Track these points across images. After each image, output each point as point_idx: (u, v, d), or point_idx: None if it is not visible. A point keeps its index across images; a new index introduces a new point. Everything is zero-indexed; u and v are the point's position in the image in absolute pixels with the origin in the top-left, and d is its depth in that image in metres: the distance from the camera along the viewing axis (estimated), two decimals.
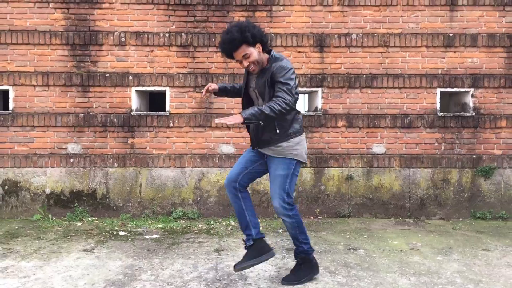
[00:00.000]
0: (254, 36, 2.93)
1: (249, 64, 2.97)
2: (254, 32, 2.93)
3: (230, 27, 2.97)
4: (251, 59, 2.96)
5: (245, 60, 2.97)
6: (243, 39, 2.91)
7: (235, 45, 2.92)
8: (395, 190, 5.39)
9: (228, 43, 2.93)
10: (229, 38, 2.91)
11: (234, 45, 2.92)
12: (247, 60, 2.97)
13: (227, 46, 2.95)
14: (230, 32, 2.92)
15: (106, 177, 5.31)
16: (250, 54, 2.95)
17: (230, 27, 2.97)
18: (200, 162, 5.35)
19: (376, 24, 5.35)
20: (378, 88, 5.36)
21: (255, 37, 2.94)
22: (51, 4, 5.26)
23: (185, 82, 5.33)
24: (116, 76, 5.30)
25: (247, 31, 2.91)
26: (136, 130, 5.33)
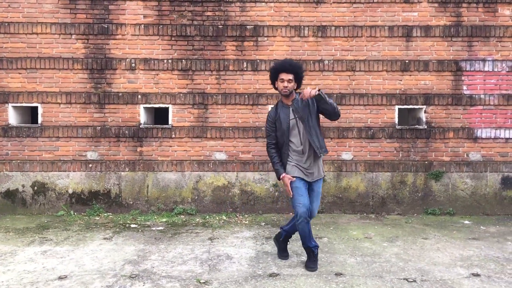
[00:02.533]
0: (301, 78, 4.05)
1: (287, 86, 3.93)
2: (302, 75, 4.07)
3: (291, 59, 4.11)
4: (290, 86, 3.95)
5: (289, 83, 3.93)
6: (297, 71, 3.99)
7: (292, 70, 3.93)
8: (361, 191, 6.43)
9: (290, 65, 3.94)
10: (294, 63, 3.99)
11: (292, 69, 3.93)
12: (290, 83, 3.94)
13: (287, 66, 3.94)
14: (294, 62, 4.04)
15: (119, 179, 6.35)
16: (292, 83, 3.96)
17: (290, 59, 4.09)
18: (198, 167, 6.39)
19: (345, 52, 6.39)
20: (346, 105, 6.40)
21: (300, 79, 4.05)
22: (74, 36, 6.30)
23: (185, 100, 6.37)
24: (127, 95, 6.34)
25: (302, 71, 4.06)
26: (144, 140, 6.37)
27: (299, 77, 4.05)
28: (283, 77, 3.96)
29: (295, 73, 3.99)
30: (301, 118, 3.98)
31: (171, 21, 6.35)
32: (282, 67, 4.00)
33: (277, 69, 4.02)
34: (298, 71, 4.01)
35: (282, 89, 3.98)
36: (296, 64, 4.02)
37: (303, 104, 4.00)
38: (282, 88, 3.98)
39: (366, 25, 6.37)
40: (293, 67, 3.98)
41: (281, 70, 3.98)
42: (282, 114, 4.04)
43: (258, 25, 6.36)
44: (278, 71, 4.01)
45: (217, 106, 6.38)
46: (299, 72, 4.02)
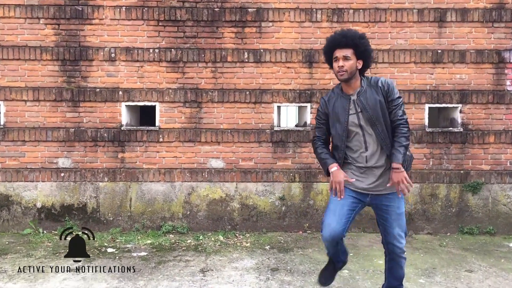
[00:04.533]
0: (366, 53, 2.88)
1: (343, 66, 2.84)
2: (368, 48, 2.88)
3: (349, 29, 2.97)
4: (348, 66, 2.83)
5: (345, 61, 2.84)
6: (357, 43, 2.84)
7: (348, 41, 2.83)
8: None
9: (344, 36, 2.84)
10: (352, 33, 2.86)
11: (347, 41, 2.83)
12: (347, 62, 2.84)
13: (340, 37, 2.86)
14: (352, 31, 2.89)
15: (97, 191, 5.36)
16: (350, 61, 2.84)
17: (349, 29, 2.96)
18: (190, 177, 5.39)
19: None
20: None
21: (366, 54, 2.89)
22: (42, 20, 5.29)
23: (175, 97, 5.36)
24: (106, 91, 5.33)
25: (365, 42, 2.87)
26: (126, 144, 5.37)
27: (364, 52, 2.88)
28: (336, 54, 2.88)
29: (354, 45, 2.84)
30: (368, 118, 2.87)
31: (158, 2, 5.33)
32: (333, 41, 2.90)
33: (329, 45, 2.93)
34: (358, 42, 2.85)
35: (338, 72, 2.89)
36: (354, 34, 2.87)
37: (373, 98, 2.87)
38: (337, 70, 2.89)
39: (391, 7, 5.34)
40: (349, 38, 2.85)
41: (333, 44, 2.90)
42: (339, 106, 2.95)
43: (262, 8, 5.33)
44: (331, 48, 2.92)
45: (213, 104, 5.37)
46: (360, 43, 2.85)
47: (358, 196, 2.94)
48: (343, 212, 2.86)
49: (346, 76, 2.87)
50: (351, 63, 2.85)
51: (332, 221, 2.84)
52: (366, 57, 2.90)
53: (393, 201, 2.93)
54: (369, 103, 2.86)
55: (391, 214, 2.94)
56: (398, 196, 2.92)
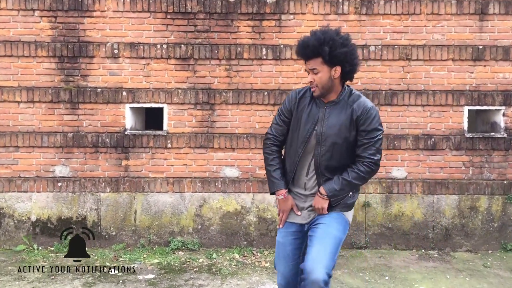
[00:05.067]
0: (334, 55, 2.36)
1: (312, 83, 2.44)
2: (336, 50, 2.36)
3: (316, 31, 2.45)
4: (317, 80, 2.40)
5: (313, 74, 2.42)
6: (318, 53, 2.37)
7: (312, 51, 2.38)
8: (417, 219, 4.86)
9: (304, 48, 2.41)
10: (317, 37, 2.37)
11: (311, 50, 2.38)
12: (314, 76, 2.41)
13: (302, 47, 2.43)
14: (316, 34, 2.39)
15: (98, 203, 4.81)
16: (320, 73, 2.40)
17: (315, 31, 2.44)
18: (201, 187, 4.84)
19: (397, 35, 4.81)
20: (398, 106, 4.83)
21: (334, 57, 2.37)
22: (37, 12, 4.74)
23: (185, 98, 4.82)
24: (109, 91, 4.79)
25: (327, 44, 2.34)
26: (131, 151, 4.82)
27: (335, 57, 2.37)
28: (306, 66, 2.50)
29: (322, 53, 2.36)
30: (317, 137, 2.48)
31: None
32: (297, 53, 2.51)
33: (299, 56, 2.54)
34: (323, 49, 2.34)
35: (310, 86, 2.51)
36: (317, 39, 2.37)
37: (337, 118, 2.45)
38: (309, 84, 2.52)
39: None
40: (310, 47, 2.38)
41: (299, 55, 2.51)
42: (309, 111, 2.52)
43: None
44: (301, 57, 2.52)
45: (227, 106, 4.82)
46: (324, 50, 2.34)
47: (297, 229, 2.59)
48: (286, 254, 2.56)
49: (318, 92, 2.46)
50: (320, 76, 2.41)
51: (280, 267, 2.59)
52: (341, 61, 2.40)
53: (325, 217, 2.48)
54: (329, 120, 2.45)
55: (316, 231, 2.44)
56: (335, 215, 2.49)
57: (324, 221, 2.45)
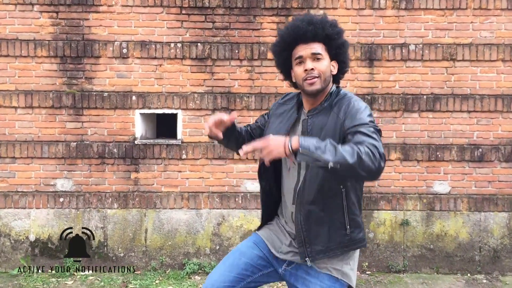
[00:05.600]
0: (337, 45, 1.89)
1: (313, 71, 1.83)
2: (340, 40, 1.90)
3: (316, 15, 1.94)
4: (322, 68, 1.84)
5: (314, 61, 1.84)
6: (328, 36, 1.86)
7: (316, 33, 1.84)
8: (462, 239, 4.33)
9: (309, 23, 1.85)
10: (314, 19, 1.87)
11: (314, 31, 1.84)
12: (317, 63, 1.84)
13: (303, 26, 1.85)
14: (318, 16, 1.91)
15: (104, 220, 4.30)
16: (323, 60, 1.86)
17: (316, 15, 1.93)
18: (220, 203, 4.33)
19: (440, 32, 4.28)
20: (441, 112, 4.30)
21: (337, 49, 1.90)
22: (36, 7, 4.24)
23: (202, 103, 4.30)
24: (116, 96, 4.28)
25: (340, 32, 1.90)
26: (141, 162, 4.31)
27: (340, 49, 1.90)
28: (300, 52, 1.87)
29: (326, 38, 1.86)
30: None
31: None
32: (294, 31, 1.88)
33: (286, 38, 1.90)
34: (332, 32, 1.87)
35: (305, 79, 1.86)
36: (323, 20, 1.88)
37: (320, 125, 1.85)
38: (302, 76, 1.87)
39: None
40: (318, 25, 1.85)
41: (294, 37, 1.88)
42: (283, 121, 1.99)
43: None
44: (289, 44, 1.90)
45: (249, 112, 4.31)
46: (334, 34, 1.87)
47: (270, 258, 1.99)
48: (235, 263, 1.95)
49: (319, 86, 1.86)
50: (325, 65, 1.86)
51: (216, 271, 1.97)
52: (342, 57, 1.93)
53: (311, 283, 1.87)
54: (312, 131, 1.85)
55: None
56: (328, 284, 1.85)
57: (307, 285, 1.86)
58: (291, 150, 1.60)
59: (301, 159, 1.60)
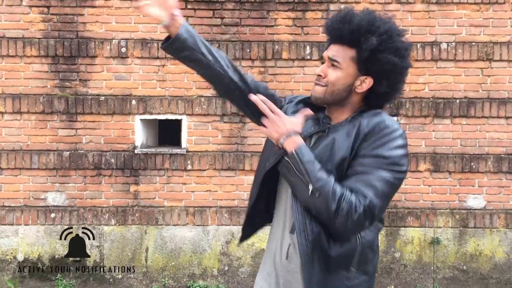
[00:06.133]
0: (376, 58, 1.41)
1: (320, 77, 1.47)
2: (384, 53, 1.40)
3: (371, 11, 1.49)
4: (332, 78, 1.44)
5: (328, 67, 1.46)
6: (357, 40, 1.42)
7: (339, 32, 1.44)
8: (499, 259, 3.89)
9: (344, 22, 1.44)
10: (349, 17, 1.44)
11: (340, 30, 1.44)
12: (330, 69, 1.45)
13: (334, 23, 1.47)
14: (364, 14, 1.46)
15: (100, 238, 3.88)
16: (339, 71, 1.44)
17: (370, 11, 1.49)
18: (229, 218, 3.90)
19: (475, 29, 3.85)
20: (476, 118, 3.87)
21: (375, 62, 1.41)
22: (25, 1, 3.82)
23: (209, 108, 3.88)
24: (114, 100, 3.85)
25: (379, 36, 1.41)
26: (141, 174, 3.89)
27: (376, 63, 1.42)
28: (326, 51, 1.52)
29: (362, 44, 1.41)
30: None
31: None
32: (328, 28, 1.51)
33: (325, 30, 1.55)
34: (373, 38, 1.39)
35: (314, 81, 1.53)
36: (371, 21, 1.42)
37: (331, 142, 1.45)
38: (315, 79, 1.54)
39: None
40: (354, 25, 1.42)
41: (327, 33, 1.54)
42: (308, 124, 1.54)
43: None
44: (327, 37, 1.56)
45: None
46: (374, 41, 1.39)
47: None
48: None
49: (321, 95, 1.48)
50: (337, 75, 1.45)
51: None
52: (381, 73, 1.44)
53: None
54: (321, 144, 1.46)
55: None
56: None
57: None
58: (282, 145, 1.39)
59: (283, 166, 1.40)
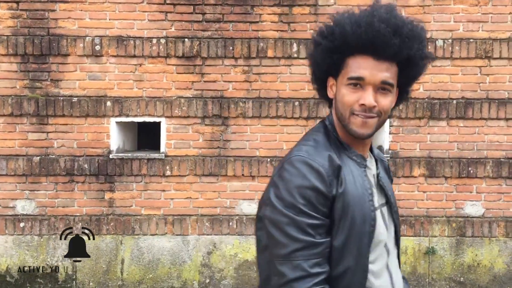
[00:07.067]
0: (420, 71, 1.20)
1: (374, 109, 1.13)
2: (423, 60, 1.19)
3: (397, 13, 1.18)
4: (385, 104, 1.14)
5: (380, 94, 1.14)
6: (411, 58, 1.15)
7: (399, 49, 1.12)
8: (498, 270, 3.66)
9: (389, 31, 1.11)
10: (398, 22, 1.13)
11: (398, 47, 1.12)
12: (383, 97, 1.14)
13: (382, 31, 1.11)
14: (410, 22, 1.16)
15: None
16: (391, 92, 1.15)
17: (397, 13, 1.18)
18: (211, 228, 3.66)
19: (473, 25, 3.62)
20: (474, 120, 3.64)
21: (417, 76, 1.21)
22: None
23: (189, 110, 3.64)
24: (88, 101, 3.61)
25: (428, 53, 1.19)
26: (117, 180, 3.65)
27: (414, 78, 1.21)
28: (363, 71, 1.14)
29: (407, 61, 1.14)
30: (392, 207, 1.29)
31: None
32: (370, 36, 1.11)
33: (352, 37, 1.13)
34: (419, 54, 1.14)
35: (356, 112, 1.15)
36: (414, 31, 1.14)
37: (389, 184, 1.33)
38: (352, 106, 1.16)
39: None
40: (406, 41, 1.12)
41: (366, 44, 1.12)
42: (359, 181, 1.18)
43: None
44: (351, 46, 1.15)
45: (246, 120, 3.65)
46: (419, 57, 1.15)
47: None
48: None
49: (372, 130, 1.17)
50: (391, 101, 1.17)
51: None
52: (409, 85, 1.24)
53: None
54: (389, 190, 1.31)
55: None
56: None
57: None
58: None
59: None
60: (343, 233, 1.14)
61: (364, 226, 1.16)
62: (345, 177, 1.16)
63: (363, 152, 1.23)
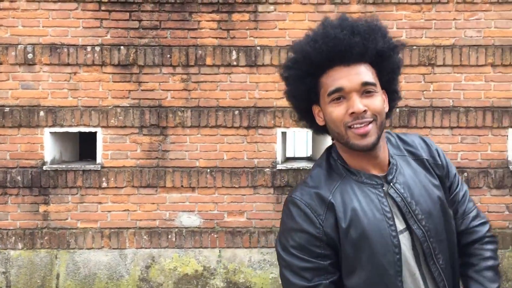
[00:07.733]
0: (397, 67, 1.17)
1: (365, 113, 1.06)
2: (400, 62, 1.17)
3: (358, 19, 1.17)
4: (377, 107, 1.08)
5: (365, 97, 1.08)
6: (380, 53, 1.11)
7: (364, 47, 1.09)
8: None
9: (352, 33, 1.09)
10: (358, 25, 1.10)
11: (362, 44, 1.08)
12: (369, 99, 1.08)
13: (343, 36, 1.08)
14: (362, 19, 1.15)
15: (6, 264, 3.52)
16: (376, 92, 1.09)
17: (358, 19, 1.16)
18: (149, 241, 3.55)
19: (416, 32, 3.53)
20: (418, 128, 3.54)
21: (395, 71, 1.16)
22: None
23: (126, 119, 3.53)
24: (21, 111, 3.50)
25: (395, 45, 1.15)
26: (52, 192, 3.53)
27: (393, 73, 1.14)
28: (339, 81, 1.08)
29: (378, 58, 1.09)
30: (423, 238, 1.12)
31: None
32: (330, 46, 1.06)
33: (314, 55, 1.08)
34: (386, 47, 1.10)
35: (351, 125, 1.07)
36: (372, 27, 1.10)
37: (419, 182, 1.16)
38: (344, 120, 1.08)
39: None
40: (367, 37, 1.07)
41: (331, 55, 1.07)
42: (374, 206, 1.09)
43: None
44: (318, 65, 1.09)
45: (185, 130, 3.55)
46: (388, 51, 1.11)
47: None
48: None
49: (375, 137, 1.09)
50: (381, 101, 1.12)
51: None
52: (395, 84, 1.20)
53: None
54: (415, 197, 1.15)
55: None
56: None
57: None
58: None
59: None
60: (364, 268, 1.07)
61: (386, 255, 1.07)
62: (347, 210, 1.09)
63: (378, 169, 1.14)
